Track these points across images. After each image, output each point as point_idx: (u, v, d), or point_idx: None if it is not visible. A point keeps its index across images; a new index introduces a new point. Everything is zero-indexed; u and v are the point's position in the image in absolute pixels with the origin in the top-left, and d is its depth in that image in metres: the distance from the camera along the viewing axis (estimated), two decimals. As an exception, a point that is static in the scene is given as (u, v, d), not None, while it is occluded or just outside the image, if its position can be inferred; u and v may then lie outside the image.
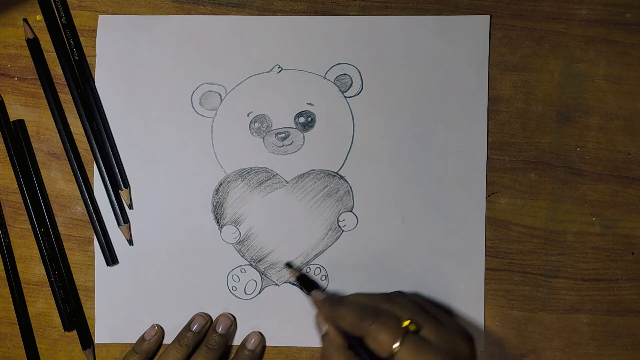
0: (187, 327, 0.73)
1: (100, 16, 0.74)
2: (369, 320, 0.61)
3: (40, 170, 0.74)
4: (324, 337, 0.67)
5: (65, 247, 0.75)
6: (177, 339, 0.72)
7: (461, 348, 0.61)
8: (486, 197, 0.73)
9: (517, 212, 0.74)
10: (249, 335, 0.74)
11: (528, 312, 0.74)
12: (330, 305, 0.66)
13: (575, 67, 0.74)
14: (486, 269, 0.73)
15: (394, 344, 0.59)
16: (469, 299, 0.73)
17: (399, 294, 0.71)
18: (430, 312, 0.65)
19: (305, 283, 0.73)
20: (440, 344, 0.60)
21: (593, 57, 0.74)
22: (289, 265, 0.74)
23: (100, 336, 0.74)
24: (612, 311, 0.74)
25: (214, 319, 0.74)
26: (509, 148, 0.73)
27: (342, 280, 0.74)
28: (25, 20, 0.74)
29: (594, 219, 0.74)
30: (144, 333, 0.73)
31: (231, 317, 0.74)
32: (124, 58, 0.74)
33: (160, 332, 0.74)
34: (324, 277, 0.74)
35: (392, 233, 0.73)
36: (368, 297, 0.66)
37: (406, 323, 0.61)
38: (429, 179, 0.73)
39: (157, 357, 0.74)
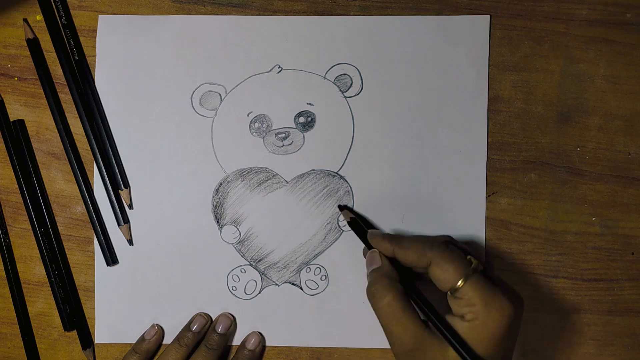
0: (187, 327, 0.73)
1: (100, 16, 0.74)
2: (438, 249, 0.61)
3: (40, 170, 0.74)
4: (373, 273, 0.65)
5: (65, 247, 0.75)
6: (177, 339, 0.72)
7: (518, 295, 0.61)
8: (486, 197, 0.73)
9: (517, 212, 0.74)
10: (248, 335, 0.74)
11: (528, 312, 0.74)
12: (392, 237, 0.66)
13: (575, 67, 0.74)
14: (486, 269, 0.73)
15: (460, 277, 0.59)
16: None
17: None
18: None
19: (359, 225, 0.71)
20: (503, 287, 0.60)
21: (593, 57, 0.74)
22: (341, 207, 0.74)
23: (100, 336, 0.74)
24: (612, 311, 0.74)
25: (214, 319, 0.74)
26: (509, 148, 0.73)
27: (342, 280, 0.74)
28: (25, 20, 0.74)
29: (594, 219, 0.74)
30: (144, 333, 0.73)
31: (231, 316, 0.74)
32: (124, 58, 0.74)
33: (160, 332, 0.74)
34: (324, 277, 0.74)
35: (392, 233, 0.73)
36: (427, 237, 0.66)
37: (474, 261, 0.60)
38: (429, 179, 0.73)
39: (157, 357, 0.74)
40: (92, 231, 0.74)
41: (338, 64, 0.73)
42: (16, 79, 0.74)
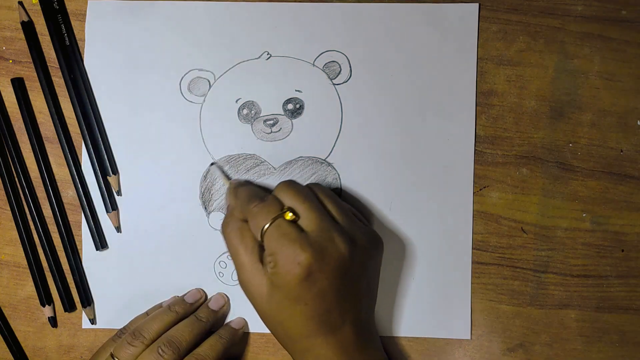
0: (181, 298, 0.73)
1: (89, 1, 0.74)
2: (254, 203, 0.63)
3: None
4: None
5: (56, 230, 0.75)
6: (168, 305, 0.72)
7: (337, 246, 0.61)
8: (477, 191, 0.73)
9: (508, 207, 0.73)
10: (234, 319, 0.74)
11: (516, 307, 0.73)
12: (236, 186, 0.69)
13: (569, 63, 0.73)
14: (476, 262, 0.73)
15: (262, 226, 0.62)
16: (456, 287, 0.73)
17: (315, 185, 0.69)
18: (327, 206, 0.65)
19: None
20: (312, 236, 0.61)
21: (588, 53, 0.73)
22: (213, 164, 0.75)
23: (86, 321, 0.75)
24: (600, 308, 0.73)
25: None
26: (501, 142, 0.73)
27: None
28: (20, 2, 0.75)
29: (584, 215, 0.73)
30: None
31: (225, 297, 0.74)
32: (112, 44, 0.74)
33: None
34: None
35: (379, 220, 0.73)
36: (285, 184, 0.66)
37: (285, 210, 0.62)
38: (417, 166, 0.73)
39: (144, 320, 0.72)
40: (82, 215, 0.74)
41: (327, 51, 0.74)
42: (11, 61, 0.75)
